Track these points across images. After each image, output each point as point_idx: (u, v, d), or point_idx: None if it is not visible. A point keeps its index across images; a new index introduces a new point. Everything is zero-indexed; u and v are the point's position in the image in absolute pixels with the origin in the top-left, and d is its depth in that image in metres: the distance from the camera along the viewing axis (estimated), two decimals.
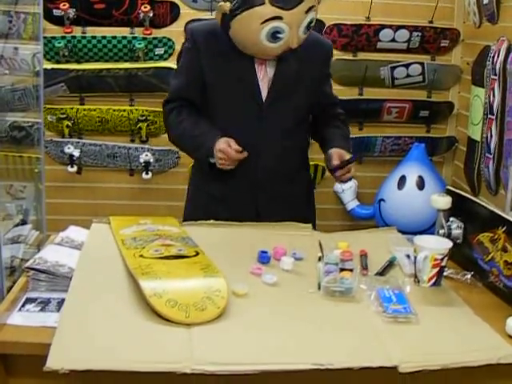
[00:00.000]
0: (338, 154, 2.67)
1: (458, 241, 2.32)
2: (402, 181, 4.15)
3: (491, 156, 3.87)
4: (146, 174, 4.40)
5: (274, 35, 2.45)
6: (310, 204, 3.04)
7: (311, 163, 3.27)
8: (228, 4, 2.46)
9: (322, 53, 2.83)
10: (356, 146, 4.47)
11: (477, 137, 4.10)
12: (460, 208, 2.35)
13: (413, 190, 4.11)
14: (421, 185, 4.10)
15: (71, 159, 4.35)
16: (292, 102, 2.72)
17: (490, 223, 2.18)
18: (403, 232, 3.97)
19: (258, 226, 2.60)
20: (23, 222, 2.89)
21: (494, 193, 3.94)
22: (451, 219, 2.36)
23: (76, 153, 4.35)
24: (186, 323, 1.78)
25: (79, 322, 1.79)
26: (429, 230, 2.64)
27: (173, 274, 2.02)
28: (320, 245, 2.36)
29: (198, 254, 2.22)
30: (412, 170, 4.17)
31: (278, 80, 2.68)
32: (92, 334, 1.73)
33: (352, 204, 4.38)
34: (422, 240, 2.16)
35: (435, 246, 2.13)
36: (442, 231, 2.33)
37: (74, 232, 2.46)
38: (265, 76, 2.68)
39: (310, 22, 2.51)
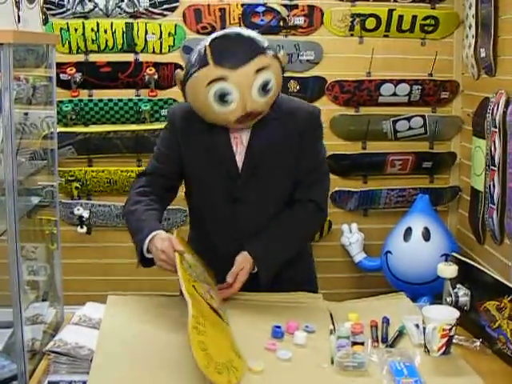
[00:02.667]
0: (234, 274, 2.50)
1: (466, 308, 2.35)
2: (407, 232, 4.20)
3: (495, 206, 3.90)
4: None
5: (222, 98, 2.34)
6: (306, 267, 2.85)
7: None
8: (182, 72, 2.43)
9: (304, 121, 2.58)
10: (361, 199, 4.54)
11: (480, 187, 4.14)
12: (466, 275, 2.39)
13: (419, 241, 4.15)
14: (427, 236, 4.14)
15: (81, 220, 4.42)
16: (267, 177, 2.56)
17: (496, 292, 2.21)
18: (411, 283, 4.07)
19: (269, 297, 2.58)
20: (43, 298, 2.93)
21: (499, 242, 3.97)
22: (458, 286, 2.39)
23: (85, 214, 4.42)
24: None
25: None
26: (436, 280, 2.66)
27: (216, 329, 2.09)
28: (331, 316, 2.40)
29: (228, 324, 2.28)
30: (417, 222, 4.22)
31: (251, 152, 2.55)
32: None
33: (359, 256, 4.45)
34: (430, 311, 2.19)
35: (443, 316, 2.16)
36: (449, 299, 2.37)
37: (91, 309, 2.48)
38: (240, 148, 2.57)
39: (266, 84, 2.37)
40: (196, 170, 2.62)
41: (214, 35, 2.42)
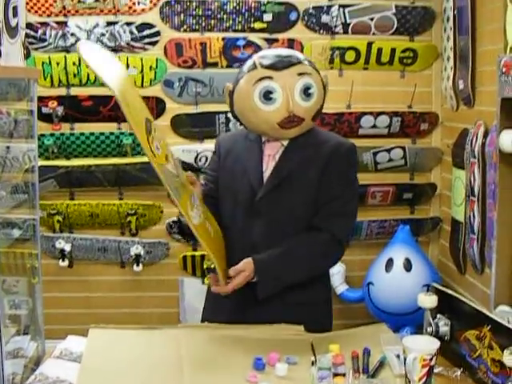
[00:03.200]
0: (237, 271, 2.54)
1: (446, 337, 2.37)
2: (389, 263, 4.20)
3: (475, 236, 3.92)
4: (137, 266, 4.44)
5: (266, 95, 2.54)
6: (328, 309, 2.89)
7: None
8: (231, 84, 2.66)
9: (333, 149, 2.67)
10: None
11: (460, 217, 4.17)
12: (446, 305, 2.40)
13: (400, 272, 4.16)
14: (408, 267, 4.15)
15: (62, 253, 4.41)
16: (288, 195, 2.64)
17: (476, 321, 2.23)
18: (393, 314, 4.07)
19: (253, 329, 2.58)
20: (24, 332, 2.91)
21: (480, 272, 3.98)
22: (438, 316, 2.40)
23: (67, 247, 4.41)
24: None
25: None
26: (418, 310, 2.67)
27: None
28: (312, 347, 2.40)
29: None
30: (399, 252, 4.23)
31: (278, 168, 2.67)
32: None
33: (341, 288, 4.45)
34: (410, 341, 2.20)
35: (423, 346, 2.17)
36: (429, 329, 2.38)
37: (73, 342, 2.47)
38: (271, 164, 2.69)
39: (307, 88, 2.57)
40: (225, 180, 2.76)
41: (261, 52, 2.73)
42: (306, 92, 2.57)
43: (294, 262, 2.61)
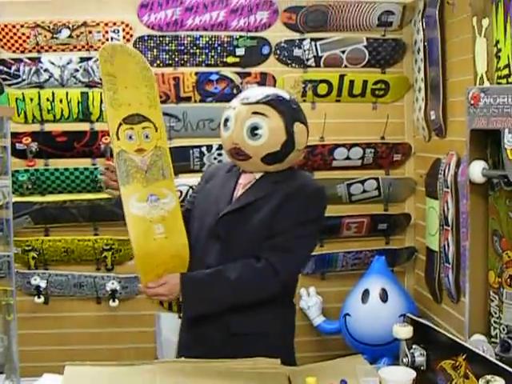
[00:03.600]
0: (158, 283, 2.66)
1: (422, 368, 2.37)
2: (365, 294, 4.21)
3: (450, 265, 3.94)
4: (113, 301, 4.41)
5: (225, 122, 2.75)
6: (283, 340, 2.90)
7: None
8: None
9: (295, 188, 2.74)
10: (318, 262, 4.56)
11: (435, 247, 4.19)
12: (422, 335, 2.41)
13: (377, 302, 4.16)
14: (384, 297, 4.16)
15: (38, 290, 4.37)
16: (244, 223, 2.71)
17: (452, 351, 2.24)
18: (371, 345, 4.08)
19: (228, 363, 2.58)
20: None
21: (456, 301, 3.99)
22: (414, 347, 2.41)
23: (42, 284, 4.37)
24: None
25: None
26: (395, 341, 2.68)
27: None
28: (289, 381, 2.40)
29: None
30: (375, 283, 4.24)
31: (242, 195, 2.76)
32: None
33: (318, 320, 4.45)
34: (386, 372, 2.21)
35: (400, 377, 2.18)
36: (405, 359, 2.39)
37: (48, 380, 2.46)
38: (241, 192, 2.79)
39: (254, 128, 2.66)
40: (199, 202, 2.89)
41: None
42: (253, 131, 2.66)
43: (222, 282, 2.65)
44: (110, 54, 2.64)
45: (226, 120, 2.73)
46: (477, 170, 2.84)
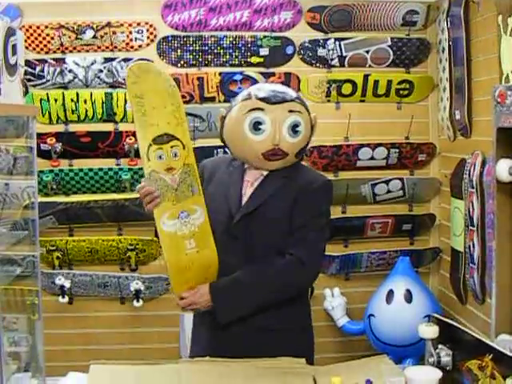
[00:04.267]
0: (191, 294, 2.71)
1: (448, 367, 2.36)
2: (389, 295, 4.19)
3: (475, 266, 3.92)
4: (137, 301, 4.42)
5: (256, 125, 2.65)
6: (306, 336, 2.90)
7: None
8: (224, 110, 2.80)
9: (307, 182, 2.77)
10: (342, 263, 4.55)
11: (460, 247, 4.16)
12: (448, 335, 2.40)
13: (401, 303, 4.14)
14: (409, 298, 4.13)
15: (62, 290, 4.39)
16: (261, 222, 2.71)
17: (478, 350, 2.22)
18: (395, 346, 4.05)
19: (253, 363, 2.57)
20: (24, 369, 2.90)
21: (481, 302, 3.97)
22: (440, 347, 2.40)
23: (67, 284, 4.39)
24: None
25: None
26: (420, 341, 2.67)
27: None
28: (314, 381, 2.39)
29: None
30: (399, 284, 4.22)
31: (254, 195, 2.75)
32: None
33: (342, 321, 4.44)
34: (412, 372, 2.20)
35: (425, 377, 2.17)
36: (431, 359, 2.37)
37: (74, 379, 2.46)
38: (249, 190, 2.77)
39: (295, 126, 2.68)
40: (206, 203, 2.76)
41: (257, 84, 2.94)
42: (294, 129, 2.68)
43: (252, 285, 2.68)
44: (136, 74, 2.66)
45: (258, 123, 2.66)
46: (504, 168, 2.82)
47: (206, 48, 4.47)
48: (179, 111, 2.68)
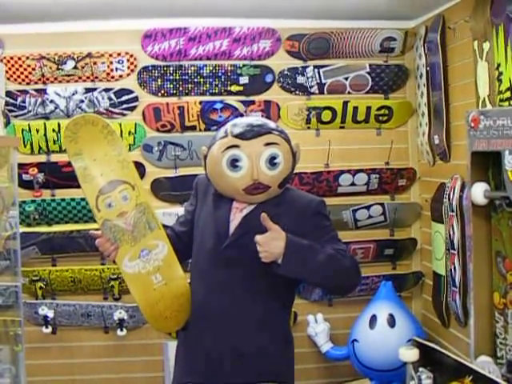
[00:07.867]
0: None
1: None
2: (373, 320, 4.20)
3: (457, 289, 3.94)
4: (121, 330, 4.41)
5: (233, 163, 2.66)
6: (287, 358, 2.87)
7: None
8: (206, 148, 2.79)
9: (302, 208, 2.76)
10: None
11: (441, 271, 4.18)
12: (428, 358, 2.42)
13: (384, 328, 4.15)
14: (392, 322, 4.15)
15: (46, 320, 4.38)
16: (252, 247, 2.56)
17: (458, 372, 2.25)
18: (379, 371, 4.06)
19: None
20: None
21: (464, 324, 3.99)
22: (420, 369, 2.42)
23: (50, 314, 4.38)
24: None
25: None
26: (403, 367, 2.68)
27: None
28: None
29: None
30: (382, 309, 4.23)
31: (245, 220, 2.75)
32: None
33: (326, 346, 4.44)
34: None
35: None
36: (412, 382, 2.40)
37: None
38: (238, 216, 2.77)
39: (273, 158, 2.67)
40: (197, 231, 2.85)
41: (234, 120, 2.82)
42: (272, 161, 2.68)
43: (325, 253, 2.59)
44: (73, 131, 2.64)
45: (235, 160, 2.66)
46: (479, 191, 2.85)
47: (186, 77, 4.50)
48: (122, 154, 2.69)
